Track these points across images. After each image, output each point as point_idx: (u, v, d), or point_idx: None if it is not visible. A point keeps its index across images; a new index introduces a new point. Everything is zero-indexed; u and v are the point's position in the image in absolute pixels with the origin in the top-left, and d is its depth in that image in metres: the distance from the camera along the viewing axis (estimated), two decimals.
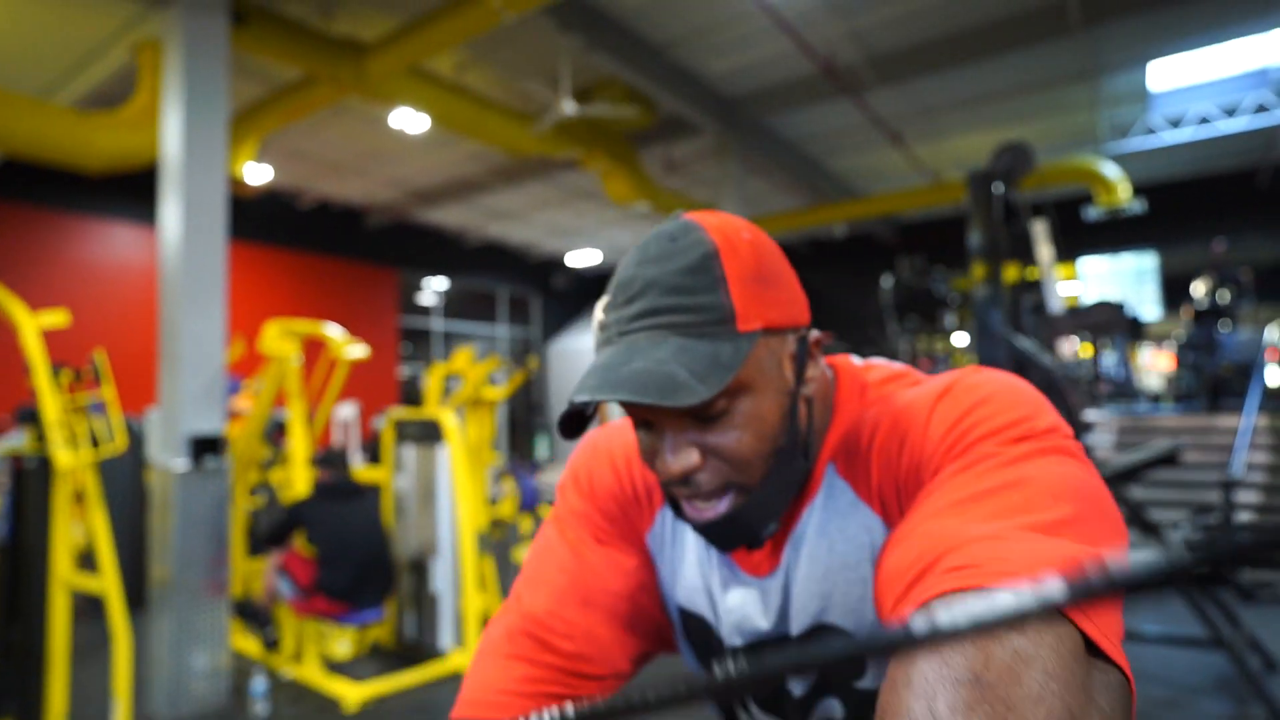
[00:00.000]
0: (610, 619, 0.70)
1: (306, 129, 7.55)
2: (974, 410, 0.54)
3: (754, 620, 0.66)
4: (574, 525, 0.74)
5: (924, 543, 0.47)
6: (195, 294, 3.56)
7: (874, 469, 0.60)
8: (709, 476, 0.58)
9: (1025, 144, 2.94)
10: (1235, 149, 9.22)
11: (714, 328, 0.55)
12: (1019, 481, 0.48)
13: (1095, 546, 0.45)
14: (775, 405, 0.58)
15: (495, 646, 0.69)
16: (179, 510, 3.36)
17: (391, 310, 11.36)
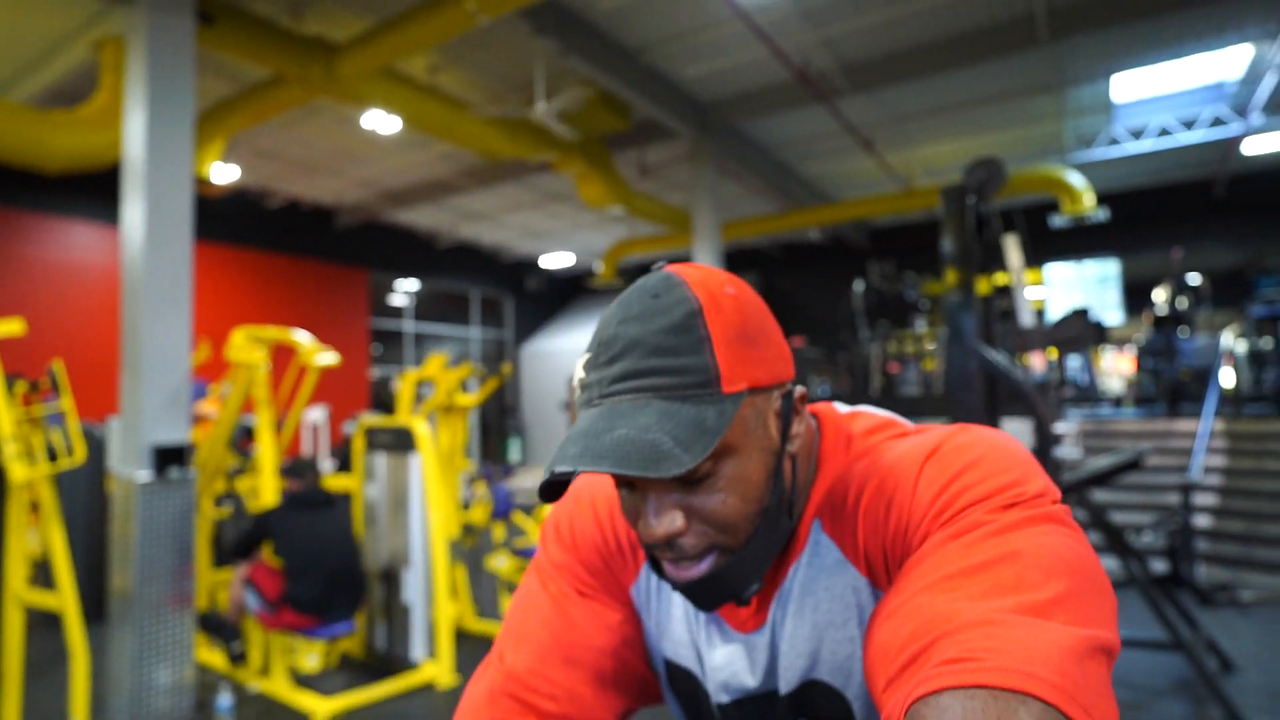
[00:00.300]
0: (594, 677, 0.68)
1: (276, 128, 7.41)
2: (963, 474, 0.53)
3: (741, 677, 0.66)
4: (556, 578, 0.72)
5: (916, 621, 0.47)
6: (159, 298, 3.47)
7: (860, 530, 0.59)
8: (693, 540, 0.57)
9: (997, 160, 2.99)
10: (1193, 160, 9.49)
11: (698, 390, 0.54)
12: (1010, 556, 0.48)
13: (1087, 626, 0.44)
14: (761, 466, 0.57)
15: (477, 709, 0.67)
16: (141, 521, 3.27)
17: (362, 312, 11.21)
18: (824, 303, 11.89)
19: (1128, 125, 8.44)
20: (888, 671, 0.47)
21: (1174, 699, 3.39)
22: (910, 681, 0.44)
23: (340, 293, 10.87)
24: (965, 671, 0.41)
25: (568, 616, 0.70)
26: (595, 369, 0.56)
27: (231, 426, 3.93)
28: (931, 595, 0.47)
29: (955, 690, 0.41)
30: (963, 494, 0.52)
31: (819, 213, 9.94)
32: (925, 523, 0.53)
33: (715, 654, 0.67)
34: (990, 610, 0.44)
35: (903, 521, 0.55)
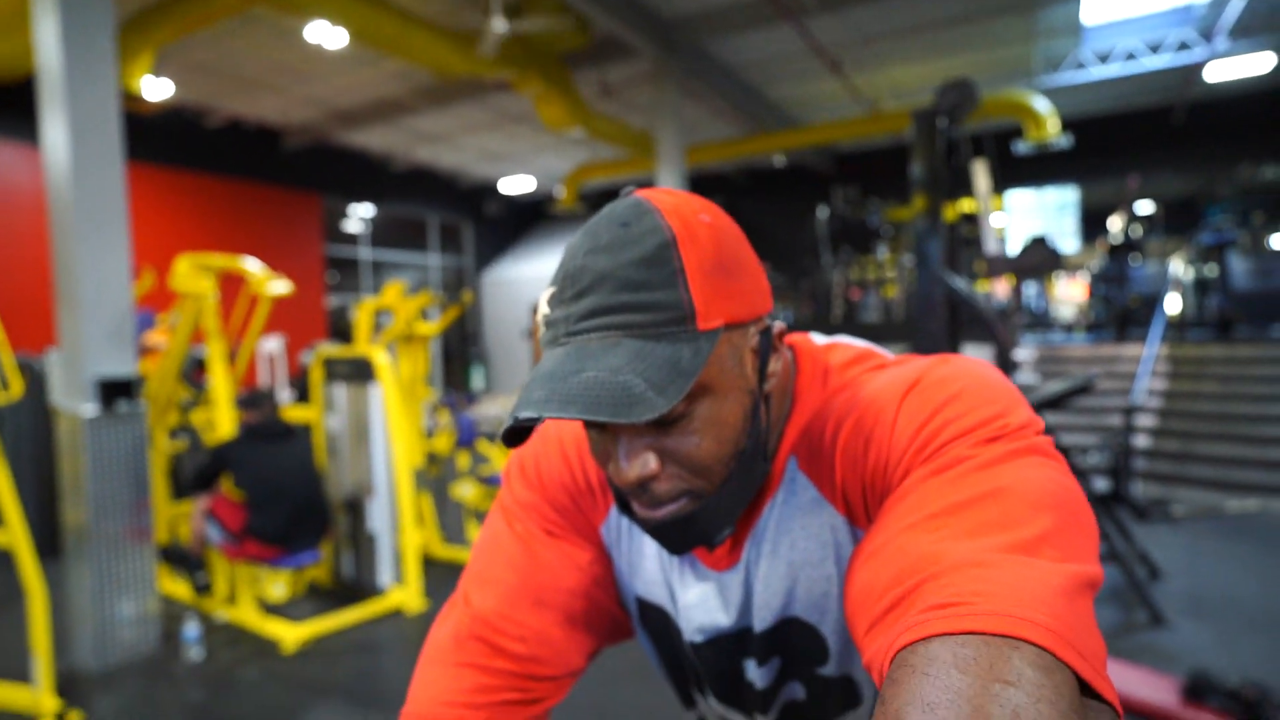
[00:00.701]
0: (564, 618, 0.67)
1: (210, 40, 6.91)
2: (944, 407, 0.51)
3: (714, 615, 0.65)
4: (522, 518, 0.70)
5: (900, 561, 0.45)
6: (91, 223, 3.27)
7: (838, 467, 0.57)
8: (666, 485, 0.54)
9: (969, 81, 2.92)
10: (1156, 86, 9.50)
11: (672, 327, 0.50)
12: (996, 492, 0.46)
13: (1074, 560, 0.43)
14: (737, 406, 0.54)
15: (443, 652, 0.65)
16: (91, 456, 3.18)
17: (316, 238, 10.82)
18: (788, 229, 11.84)
19: (1095, 49, 8.37)
20: (870, 614, 0.45)
21: (1107, 605, 3.62)
22: (895, 627, 0.42)
23: (291, 218, 10.45)
24: (954, 617, 0.39)
25: (536, 557, 0.68)
26: (561, 304, 0.52)
27: (181, 358, 3.80)
28: (915, 535, 0.46)
29: (945, 637, 0.39)
30: (944, 428, 0.50)
31: (785, 137, 9.76)
32: (906, 459, 0.51)
33: (688, 592, 0.66)
34: (976, 550, 0.43)
35: (882, 458, 0.53)
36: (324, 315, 10.85)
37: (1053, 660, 0.37)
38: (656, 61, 7.37)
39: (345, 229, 11.88)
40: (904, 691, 0.38)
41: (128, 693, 2.95)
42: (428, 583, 3.99)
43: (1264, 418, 6.14)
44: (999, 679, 0.36)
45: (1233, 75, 8.79)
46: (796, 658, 0.64)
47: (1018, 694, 0.35)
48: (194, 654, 3.18)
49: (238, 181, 9.72)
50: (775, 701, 0.67)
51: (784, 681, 0.66)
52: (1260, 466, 5.70)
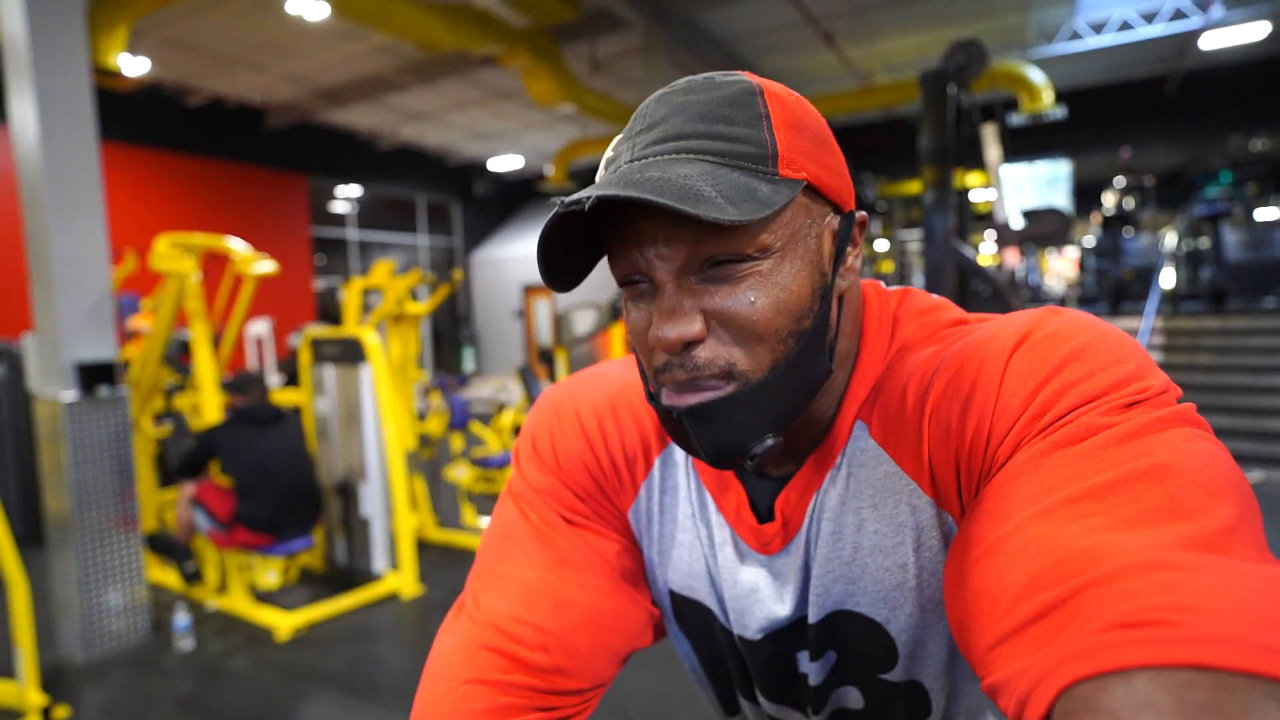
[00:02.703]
0: (590, 620, 0.57)
1: (188, 15, 6.70)
2: (1065, 367, 0.41)
3: (769, 607, 0.56)
4: (538, 505, 0.60)
5: (1040, 557, 0.35)
6: (64, 202, 3.15)
7: (926, 436, 0.47)
8: (709, 351, 0.45)
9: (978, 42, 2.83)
10: (1150, 56, 9.41)
11: (751, 163, 0.44)
12: (1154, 470, 0.35)
13: (1267, 555, 0.33)
14: (805, 278, 0.46)
15: (451, 666, 0.55)
16: (71, 443, 3.09)
17: (302, 220, 10.65)
18: None
19: (1089, 19, 8.26)
20: (999, 626, 0.35)
21: None
22: (1053, 646, 0.32)
23: (277, 200, 10.26)
24: (1160, 642, 0.29)
25: (555, 550, 0.58)
26: (627, 140, 0.47)
27: (164, 341, 3.70)
28: (1054, 523, 0.35)
29: (1154, 670, 0.28)
30: (1067, 391, 0.40)
31: None
32: (1017, 428, 0.41)
33: (738, 583, 0.57)
34: (1152, 546, 0.32)
35: (985, 427, 0.43)
36: (312, 297, 10.70)
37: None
38: (647, 34, 7.22)
39: (332, 210, 11.69)
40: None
41: (116, 684, 2.89)
42: (422, 567, 3.93)
43: (1258, 388, 6.15)
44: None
45: (1228, 43, 8.71)
46: (855, 658, 0.55)
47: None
48: (184, 644, 3.12)
49: (221, 162, 9.52)
50: (828, 703, 0.59)
51: (838, 683, 0.58)
52: (1256, 437, 5.71)
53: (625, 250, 0.47)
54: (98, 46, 5.50)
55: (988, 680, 0.36)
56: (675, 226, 0.44)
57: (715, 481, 0.58)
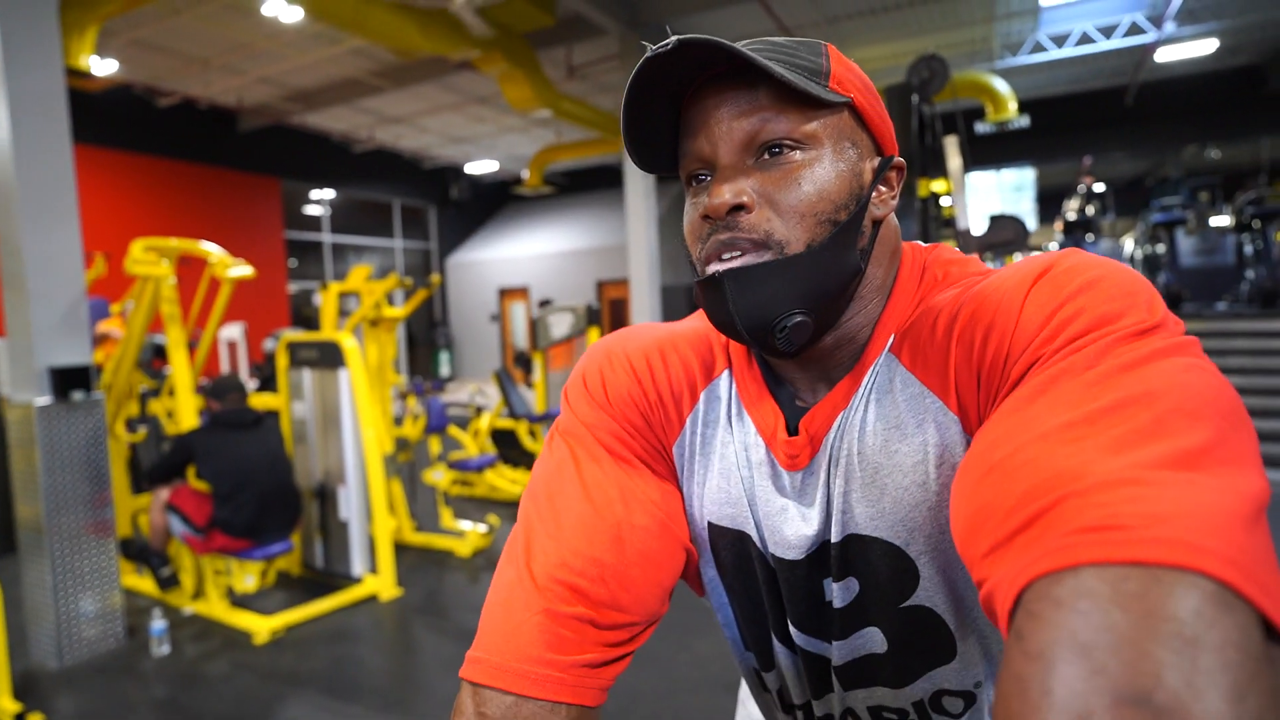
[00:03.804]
0: (642, 557, 0.59)
1: (159, 15, 6.64)
2: (1079, 294, 0.45)
3: (797, 524, 0.59)
4: (588, 442, 0.63)
5: (1033, 475, 0.38)
6: (39, 208, 3.13)
7: (952, 357, 0.51)
8: (753, 218, 0.53)
9: (940, 57, 2.95)
10: (1109, 68, 9.72)
11: (809, 73, 0.53)
12: (1146, 396, 0.39)
13: (1243, 474, 0.36)
14: (846, 179, 0.54)
15: (521, 597, 0.57)
16: (44, 448, 3.07)
17: (276, 223, 10.55)
18: None
19: (1051, 32, 8.52)
20: (993, 535, 0.38)
21: None
22: (1030, 551, 0.35)
23: (250, 203, 10.16)
24: (1111, 543, 0.33)
25: (608, 488, 0.60)
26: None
27: (138, 345, 3.68)
28: (1050, 445, 0.39)
29: (1100, 566, 0.32)
30: (1078, 317, 0.44)
31: None
32: (1034, 347, 0.45)
33: (770, 499, 0.61)
34: (1130, 464, 0.36)
35: (1004, 346, 0.47)
36: (286, 301, 10.61)
37: (1235, 598, 0.31)
38: (622, 40, 7.30)
39: (306, 213, 11.60)
40: (1050, 628, 0.32)
41: (91, 691, 2.88)
42: (400, 570, 3.95)
43: None
44: (1170, 618, 0.30)
45: (1179, 57, 9.04)
46: (877, 586, 0.58)
47: (1196, 636, 0.30)
48: (160, 649, 3.11)
49: (192, 165, 9.41)
50: (851, 634, 0.61)
51: (861, 616, 0.60)
52: None
53: (694, 132, 0.55)
54: (67, 47, 5.43)
55: (981, 587, 0.39)
56: (741, 109, 0.53)
57: (753, 399, 0.62)
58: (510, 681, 0.54)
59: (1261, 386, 6.22)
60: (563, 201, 14.38)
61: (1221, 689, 0.28)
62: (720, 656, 2.89)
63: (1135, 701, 0.28)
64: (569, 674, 0.55)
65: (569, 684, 0.55)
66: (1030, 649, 0.32)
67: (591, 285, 12.73)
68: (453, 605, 3.61)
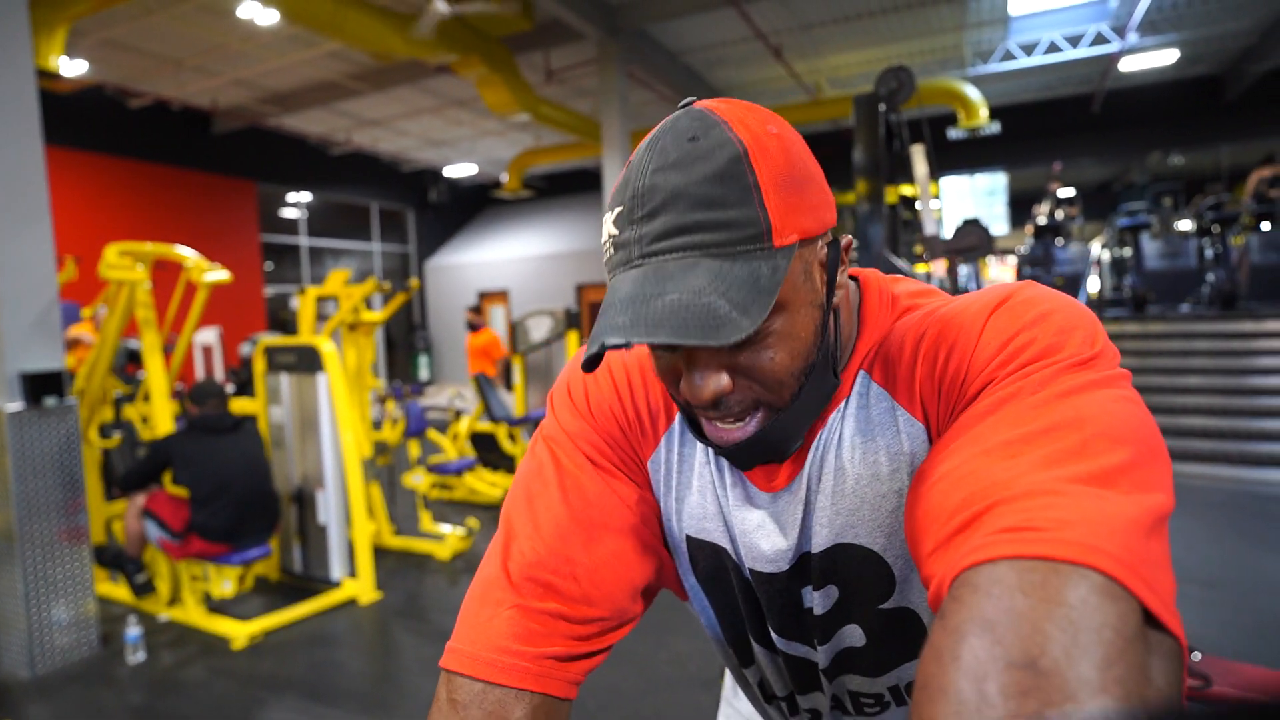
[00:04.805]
0: (614, 557, 0.63)
1: (130, 17, 6.57)
2: (1033, 326, 0.50)
3: (774, 540, 0.63)
4: (570, 449, 0.66)
5: (971, 486, 0.43)
6: (9, 211, 3.09)
7: (918, 373, 0.56)
8: (739, 397, 0.54)
9: (907, 69, 3.04)
10: (1077, 76, 9.96)
11: (749, 245, 0.50)
12: (1077, 421, 0.44)
13: (1150, 494, 0.42)
14: (809, 320, 0.54)
15: (492, 590, 0.61)
16: (14, 454, 3.04)
17: (251, 226, 10.45)
18: None
19: (1020, 41, 8.72)
20: (935, 537, 0.44)
21: None
22: (961, 548, 0.41)
23: (225, 206, 10.05)
24: (1022, 541, 0.39)
25: (585, 491, 0.64)
26: (631, 225, 0.51)
27: (112, 351, 3.65)
28: (989, 460, 0.44)
29: (1012, 560, 0.38)
30: (1030, 345, 0.49)
31: None
32: (989, 369, 0.50)
33: (745, 517, 0.64)
34: (1052, 479, 0.41)
35: (963, 366, 0.52)
36: (262, 305, 10.50)
37: (1120, 589, 0.37)
38: (600, 45, 7.35)
39: (282, 216, 11.49)
40: (964, 609, 0.38)
41: (65, 699, 2.85)
42: (380, 574, 3.95)
43: (1174, 388, 6.56)
44: (1062, 603, 0.36)
45: (1143, 66, 9.29)
46: (856, 591, 0.62)
47: (1079, 617, 0.35)
48: (136, 656, 3.09)
49: (166, 167, 9.29)
50: (832, 636, 0.65)
51: (842, 618, 0.64)
52: (1169, 434, 6.10)
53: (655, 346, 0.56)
54: (35, 47, 5.36)
55: (925, 581, 0.45)
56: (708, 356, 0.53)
57: None
58: (480, 670, 0.58)
59: (1221, 386, 6.41)
60: (542, 205, 14.39)
61: (1094, 659, 0.34)
62: (698, 655, 2.93)
63: (1023, 666, 0.34)
64: (536, 664, 0.59)
65: (535, 673, 0.59)
66: (948, 625, 0.38)
67: (571, 288, 12.75)
68: (432, 608, 3.62)
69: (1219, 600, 3.31)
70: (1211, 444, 5.87)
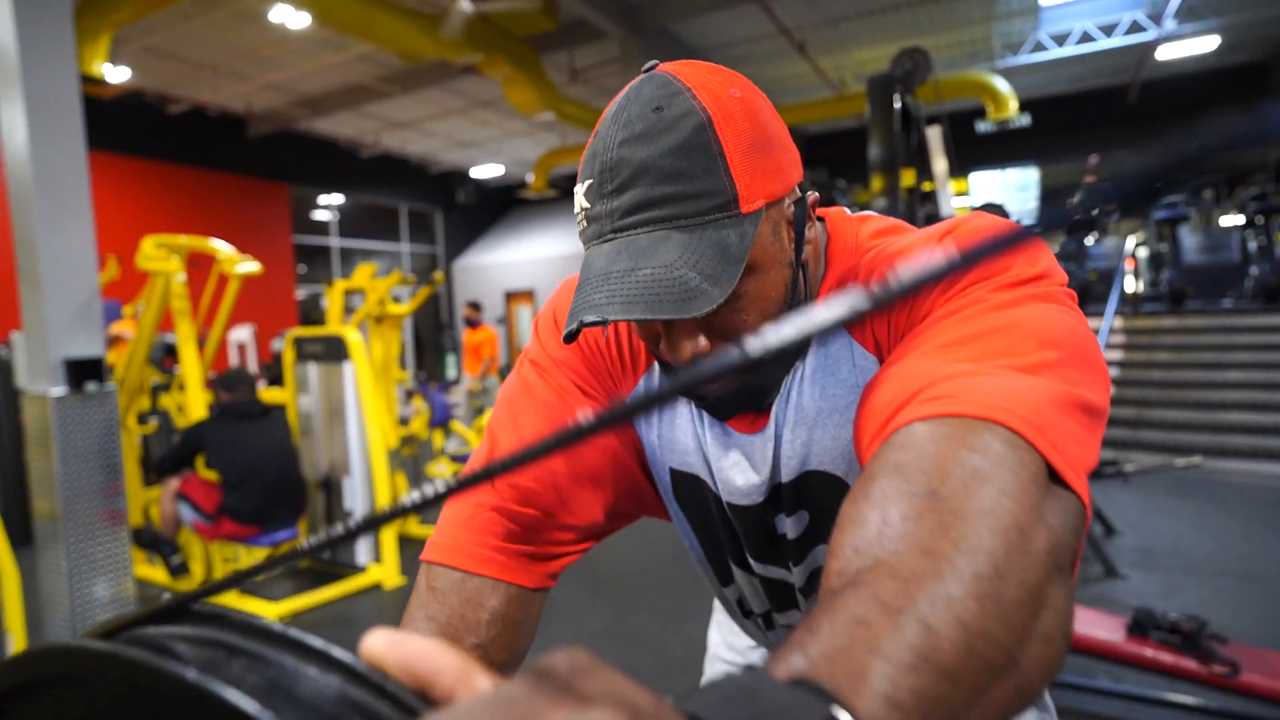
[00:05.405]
0: (591, 472, 0.67)
1: (168, 23, 6.79)
2: None
3: (748, 475, 0.66)
4: (556, 372, 0.69)
5: (904, 381, 0.46)
6: (54, 207, 3.24)
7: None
8: (715, 354, 0.55)
9: (923, 49, 3.01)
10: (1111, 66, 9.73)
11: (716, 214, 0.51)
12: (1006, 327, 0.47)
13: (1072, 386, 0.44)
14: (778, 280, 0.56)
15: (476, 493, 0.65)
16: (60, 438, 3.17)
17: (284, 227, 10.70)
18: None
19: (1051, 31, 8.56)
20: (871, 430, 0.47)
21: None
22: (892, 425, 0.44)
23: (259, 208, 10.30)
24: (939, 405, 0.42)
25: (569, 410, 0.67)
26: (601, 199, 0.53)
27: (150, 340, 3.78)
28: (925, 360, 0.47)
29: (927, 420, 0.41)
30: (970, 271, 0.51)
31: None
32: (930, 297, 0.53)
33: (725, 456, 0.67)
34: (977, 367, 0.45)
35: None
36: (295, 305, 10.74)
37: (1022, 442, 0.39)
38: (623, 44, 7.40)
39: (314, 218, 11.75)
40: (880, 458, 0.41)
41: None
42: (404, 560, 4.03)
43: (1212, 384, 6.39)
44: (966, 447, 0.39)
45: (1181, 54, 9.05)
46: (825, 515, 0.64)
47: (980, 459, 0.38)
48: None
49: (203, 171, 9.56)
50: (806, 557, 0.68)
51: (814, 541, 0.66)
52: (1208, 430, 5.94)
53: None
54: (80, 54, 5.57)
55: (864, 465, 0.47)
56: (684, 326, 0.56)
57: None
58: (459, 560, 0.62)
59: (1263, 381, 6.22)
60: (567, 205, 14.48)
61: (990, 490, 0.37)
62: None
63: (924, 495, 0.37)
64: (512, 560, 0.63)
65: (512, 567, 0.63)
66: (865, 473, 0.41)
67: None
68: None
69: (1255, 594, 3.23)
70: (1252, 439, 5.70)
